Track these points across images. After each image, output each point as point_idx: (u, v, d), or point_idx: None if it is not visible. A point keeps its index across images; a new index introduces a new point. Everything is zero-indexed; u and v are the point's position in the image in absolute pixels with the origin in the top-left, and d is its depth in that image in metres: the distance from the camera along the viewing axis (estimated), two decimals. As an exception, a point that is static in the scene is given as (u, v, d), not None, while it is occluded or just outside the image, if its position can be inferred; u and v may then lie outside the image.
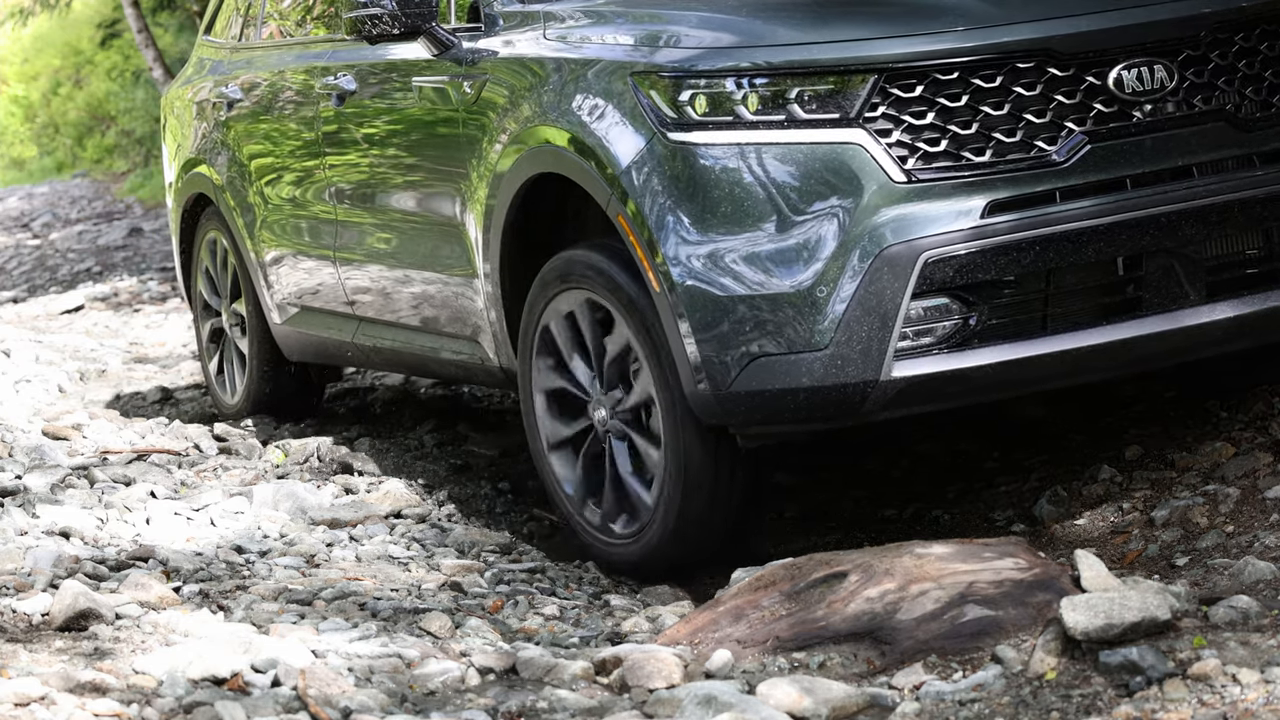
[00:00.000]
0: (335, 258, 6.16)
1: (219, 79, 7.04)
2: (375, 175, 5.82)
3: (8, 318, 11.68)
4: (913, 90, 4.30)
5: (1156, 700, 3.24)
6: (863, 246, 4.24)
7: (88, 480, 5.71)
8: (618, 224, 4.55)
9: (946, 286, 4.26)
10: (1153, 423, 5.13)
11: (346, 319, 6.25)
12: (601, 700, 3.64)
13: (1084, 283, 4.38)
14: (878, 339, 4.24)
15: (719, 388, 4.38)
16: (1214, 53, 4.49)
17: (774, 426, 4.48)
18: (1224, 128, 4.48)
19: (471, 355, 5.49)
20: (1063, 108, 4.35)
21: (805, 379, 4.30)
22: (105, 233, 16.57)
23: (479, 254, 5.19)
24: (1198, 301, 4.43)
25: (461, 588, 4.65)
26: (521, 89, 4.94)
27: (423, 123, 5.48)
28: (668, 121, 4.42)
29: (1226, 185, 4.45)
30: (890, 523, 5.25)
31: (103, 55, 24.33)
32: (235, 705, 3.43)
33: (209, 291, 7.35)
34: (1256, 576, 3.92)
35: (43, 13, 20.61)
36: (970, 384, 4.33)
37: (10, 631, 3.99)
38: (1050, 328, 4.35)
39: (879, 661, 3.67)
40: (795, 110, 4.32)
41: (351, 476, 5.97)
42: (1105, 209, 4.34)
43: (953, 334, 4.29)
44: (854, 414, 4.35)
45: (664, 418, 4.63)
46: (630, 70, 4.53)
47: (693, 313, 4.38)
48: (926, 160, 4.29)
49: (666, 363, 4.55)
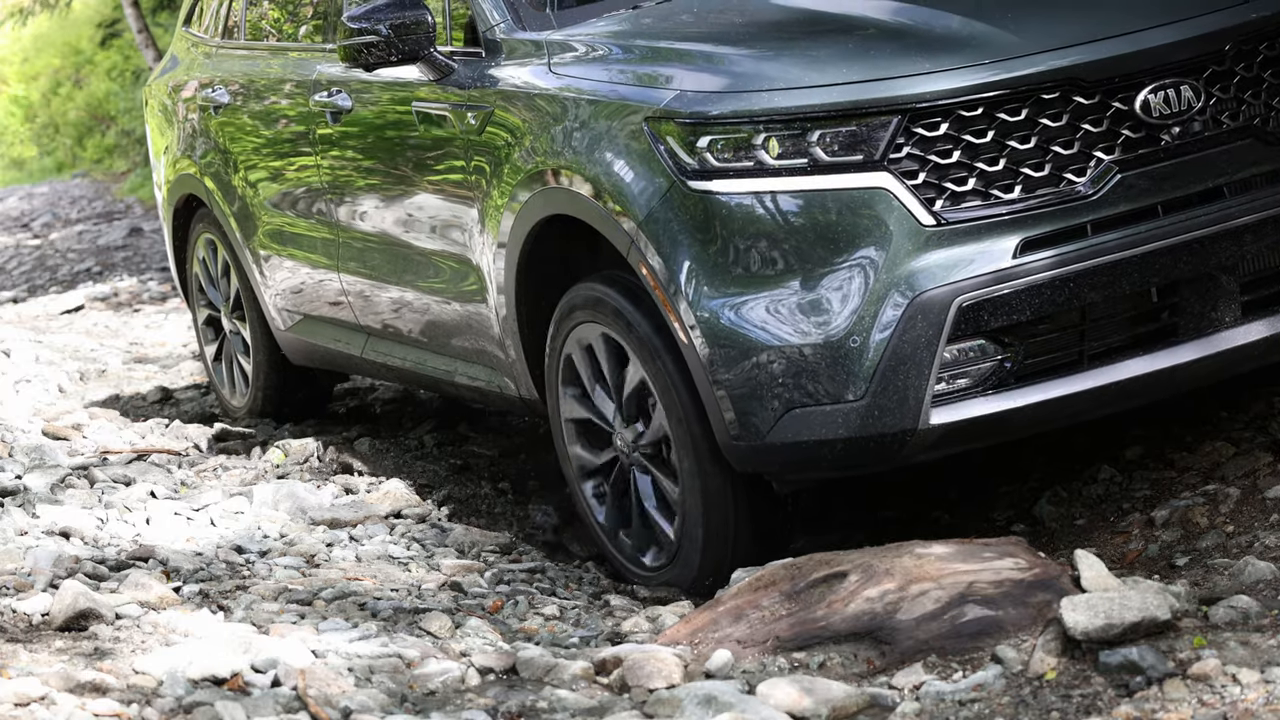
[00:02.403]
0: (339, 270, 6.12)
1: (204, 79, 6.96)
2: (376, 197, 5.75)
3: (8, 318, 11.68)
4: (937, 129, 4.19)
5: (1156, 700, 3.24)
6: (895, 294, 4.16)
7: (88, 480, 5.71)
8: (640, 273, 4.45)
9: (982, 329, 4.19)
10: (1153, 423, 5.12)
11: (354, 332, 6.20)
12: (601, 700, 3.64)
13: (1119, 314, 4.32)
14: (914, 388, 4.16)
15: (754, 439, 4.30)
16: (1239, 66, 4.42)
17: (811, 474, 4.43)
18: (1253, 144, 4.41)
19: (489, 383, 5.42)
20: (1090, 136, 4.26)
21: (842, 430, 4.22)
22: (105, 233, 16.57)
23: (492, 285, 5.11)
24: (1233, 323, 4.38)
25: (461, 588, 4.65)
26: (531, 124, 4.82)
27: (423, 147, 5.38)
28: (687, 169, 4.31)
29: (1258, 203, 4.38)
30: (890, 523, 5.25)
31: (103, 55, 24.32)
32: (235, 705, 3.43)
33: (206, 291, 7.33)
34: (1256, 576, 3.92)
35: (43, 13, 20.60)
36: (1010, 425, 4.27)
37: (10, 631, 3.99)
38: (1088, 363, 4.29)
39: (879, 661, 3.66)
40: (818, 154, 4.21)
41: (351, 476, 5.97)
42: (1138, 239, 4.26)
43: (989, 376, 4.23)
44: (893, 461, 4.29)
45: (681, 455, 4.56)
46: (645, 114, 4.41)
47: (723, 365, 4.29)
48: (954, 200, 4.20)
49: (681, 399, 4.48)
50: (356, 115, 5.76)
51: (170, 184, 7.29)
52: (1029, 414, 4.25)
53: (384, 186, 5.71)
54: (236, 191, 6.71)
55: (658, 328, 4.52)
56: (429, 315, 5.63)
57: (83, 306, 12.07)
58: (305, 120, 6.13)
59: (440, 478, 5.99)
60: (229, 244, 6.89)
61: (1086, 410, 4.37)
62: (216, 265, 7.16)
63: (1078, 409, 4.33)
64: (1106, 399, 4.32)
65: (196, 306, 7.44)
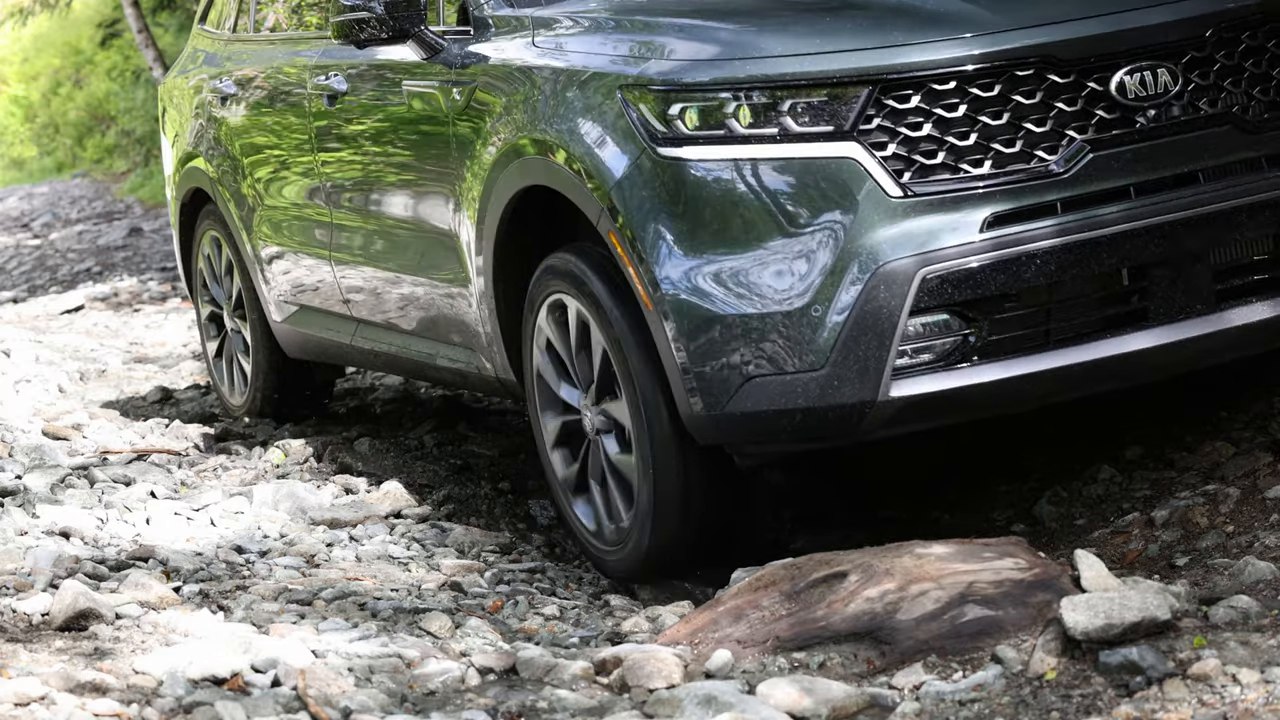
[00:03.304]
0: (331, 258, 6.14)
1: (213, 71, 7.01)
2: (368, 178, 5.80)
3: (8, 318, 11.68)
4: (908, 101, 4.20)
5: (1156, 700, 3.24)
6: (858, 264, 4.16)
7: (88, 480, 5.71)
8: (609, 240, 4.47)
9: (946, 303, 4.18)
10: (1153, 423, 5.12)
11: (345, 320, 6.23)
12: (601, 700, 3.64)
13: (1088, 295, 4.30)
14: (875, 358, 4.16)
15: (715, 409, 4.30)
16: (1220, 53, 4.40)
17: (770, 447, 4.42)
18: (1230, 131, 4.39)
19: (468, 363, 5.44)
20: (1063, 115, 4.26)
21: (802, 400, 4.22)
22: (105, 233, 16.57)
23: (471, 262, 5.15)
24: (1205, 311, 4.35)
25: (461, 588, 4.65)
26: (512, 98, 4.87)
27: (413, 128, 5.43)
28: (658, 136, 4.33)
29: (1234, 190, 4.36)
30: (890, 523, 5.25)
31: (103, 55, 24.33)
32: (235, 705, 3.43)
33: (210, 288, 7.34)
34: (1256, 576, 3.92)
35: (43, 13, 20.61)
36: (972, 402, 4.25)
37: (10, 631, 3.99)
38: (1054, 342, 4.27)
39: (879, 661, 3.66)
40: (788, 124, 4.23)
41: (351, 476, 5.97)
42: (1108, 219, 4.25)
43: (952, 351, 4.22)
44: (852, 434, 4.27)
45: (638, 429, 4.56)
46: (619, 83, 4.44)
47: (686, 333, 4.29)
48: (923, 173, 4.20)
49: (642, 370, 4.49)
50: (351, 98, 5.79)
51: (178, 179, 7.33)
52: (991, 391, 4.23)
53: (374, 168, 5.74)
54: (238, 183, 6.73)
55: (620, 298, 4.52)
56: (413, 297, 5.66)
57: (83, 306, 12.08)
58: (303, 106, 6.16)
59: (440, 478, 5.99)
60: (231, 238, 6.91)
61: (1051, 391, 4.34)
62: (220, 262, 7.17)
63: (1042, 389, 4.30)
64: (1072, 380, 4.29)
65: (200, 303, 7.45)
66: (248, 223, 6.71)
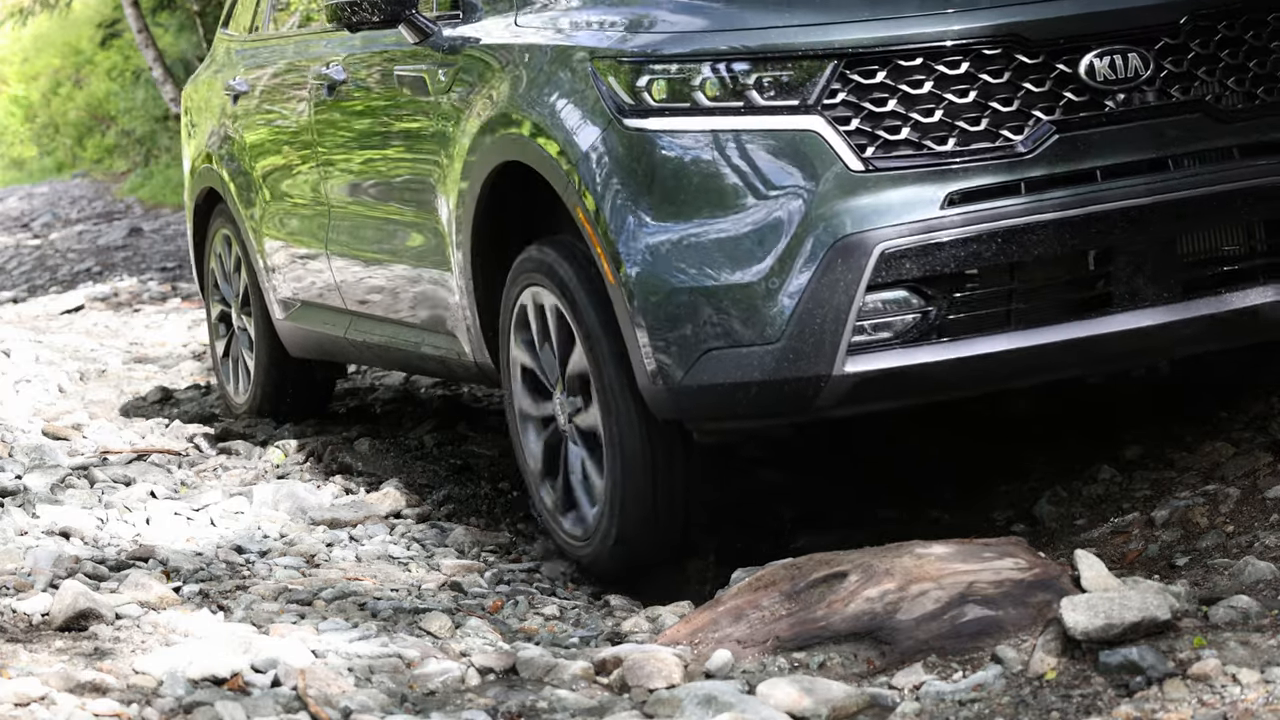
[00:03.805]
0: (328, 250, 6.16)
1: (229, 73, 7.06)
2: (359, 166, 5.81)
3: (8, 318, 11.68)
4: (874, 76, 4.18)
5: (1156, 700, 3.24)
6: (817, 237, 4.14)
7: (88, 480, 5.71)
8: (574, 214, 4.47)
9: (904, 279, 4.15)
10: (1153, 423, 5.12)
11: (340, 314, 6.24)
12: (601, 700, 3.64)
13: (1051, 278, 4.25)
14: (831, 332, 4.14)
15: (672, 381, 4.29)
16: (1194, 41, 4.35)
17: (728, 422, 4.39)
18: (1202, 119, 4.34)
19: (449, 350, 5.44)
20: (1031, 96, 4.23)
21: (757, 372, 4.20)
22: (105, 233, 16.58)
23: (452, 243, 5.14)
24: (1172, 299, 4.30)
25: (461, 588, 4.65)
26: (491, 76, 4.88)
27: (402, 113, 5.45)
28: (625, 108, 4.33)
29: (1204, 178, 4.31)
30: (890, 523, 5.25)
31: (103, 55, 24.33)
32: (235, 705, 3.43)
33: (220, 287, 7.36)
34: (1256, 576, 3.92)
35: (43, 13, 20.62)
36: (929, 380, 4.22)
37: (10, 631, 3.99)
38: (1015, 323, 4.23)
39: (879, 661, 3.66)
40: (754, 97, 4.21)
41: (351, 476, 5.97)
42: (1073, 201, 4.21)
43: (911, 328, 4.18)
44: (807, 409, 4.25)
45: (602, 409, 4.55)
46: (590, 55, 4.44)
47: (646, 304, 4.28)
48: (886, 149, 4.18)
49: (606, 348, 4.48)
50: (347, 87, 5.81)
51: (193, 179, 7.38)
52: (948, 370, 4.20)
53: (366, 156, 5.76)
54: (246, 179, 6.76)
55: (593, 289, 4.50)
56: (400, 285, 5.66)
57: (83, 306, 12.08)
58: (305, 99, 6.18)
59: (440, 478, 5.99)
60: (240, 235, 6.93)
61: (1010, 373, 4.30)
62: (230, 260, 7.19)
63: (1001, 370, 4.26)
64: (1032, 363, 4.25)
65: (211, 302, 7.47)
66: (253, 219, 6.73)
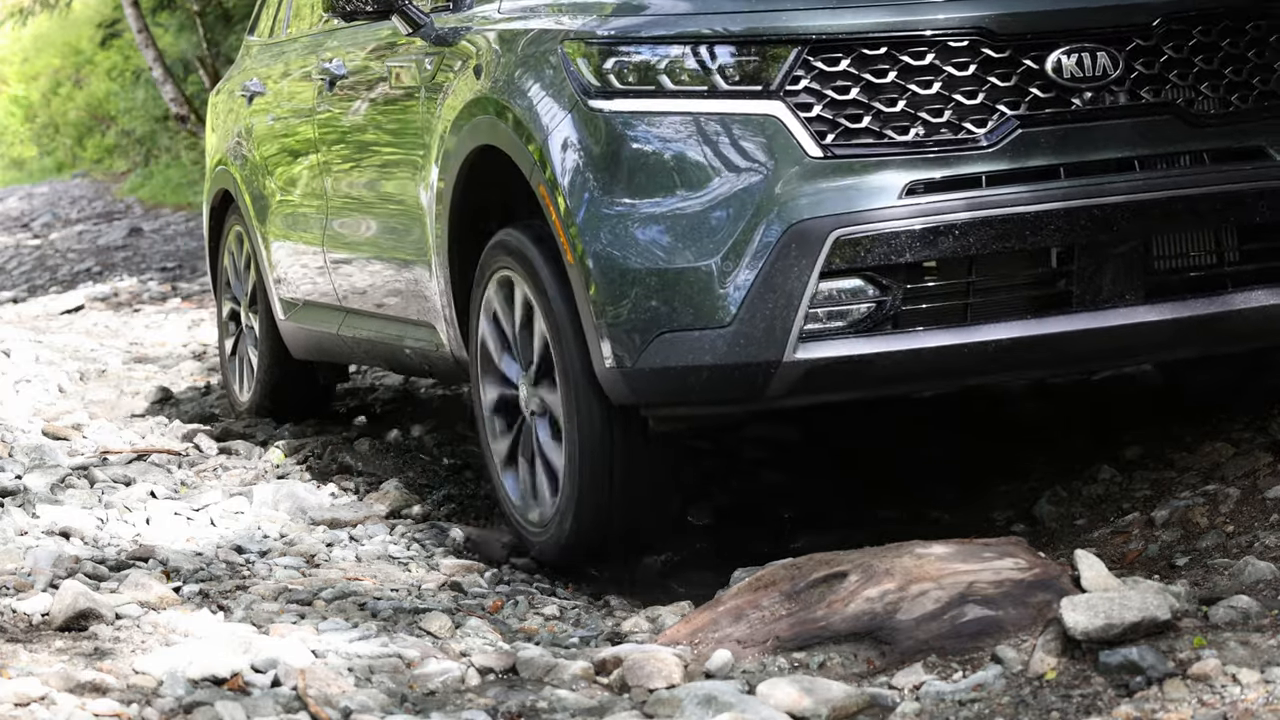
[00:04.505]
0: (324, 247, 6.18)
1: (247, 76, 7.11)
2: (353, 160, 5.84)
3: (8, 318, 11.68)
4: (837, 64, 4.17)
5: (1156, 700, 3.24)
6: (771, 222, 4.13)
7: (88, 480, 5.71)
8: (538, 194, 4.47)
9: (859, 267, 4.13)
10: (1153, 423, 5.12)
11: (334, 310, 6.26)
12: (601, 700, 3.64)
13: (1011, 273, 4.23)
14: (782, 318, 4.12)
15: (625, 364, 4.28)
16: (1167, 45, 4.32)
17: (681, 408, 4.37)
18: (1172, 122, 4.31)
19: (429, 343, 5.44)
20: (996, 90, 4.20)
21: (708, 356, 4.18)
22: (105, 233, 16.59)
23: (431, 232, 5.15)
24: (1135, 301, 4.27)
25: (461, 588, 4.65)
26: (469, 63, 4.90)
27: (391, 105, 5.47)
28: (590, 90, 4.33)
29: (1172, 181, 4.28)
30: (890, 523, 5.25)
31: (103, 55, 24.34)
32: (235, 705, 3.43)
33: (231, 286, 7.39)
34: (1256, 576, 3.92)
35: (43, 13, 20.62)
36: (882, 371, 4.18)
37: (10, 631, 3.99)
38: (971, 317, 4.20)
39: (879, 661, 3.67)
40: (717, 81, 4.21)
41: (351, 476, 5.97)
42: (1033, 196, 4.17)
43: (865, 318, 4.16)
44: (758, 396, 4.22)
45: (563, 395, 4.55)
46: (561, 38, 4.45)
47: (601, 285, 4.28)
48: (847, 136, 4.16)
49: (568, 344, 4.47)
50: (347, 80, 5.82)
51: (210, 181, 7.44)
52: (902, 361, 4.16)
53: (360, 150, 5.80)
54: (256, 179, 6.80)
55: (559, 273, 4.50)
56: (386, 278, 5.67)
57: (83, 306, 12.08)
58: (310, 96, 6.20)
59: (440, 478, 5.99)
60: (249, 235, 6.96)
61: (965, 369, 4.26)
62: (241, 260, 7.22)
63: (955, 365, 4.22)
64: (987, 358, 4.21)
65: (222, 300, 7.49)
66: (261, 219, 6.76)
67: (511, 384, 4.94)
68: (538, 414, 4.80)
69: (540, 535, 4.81)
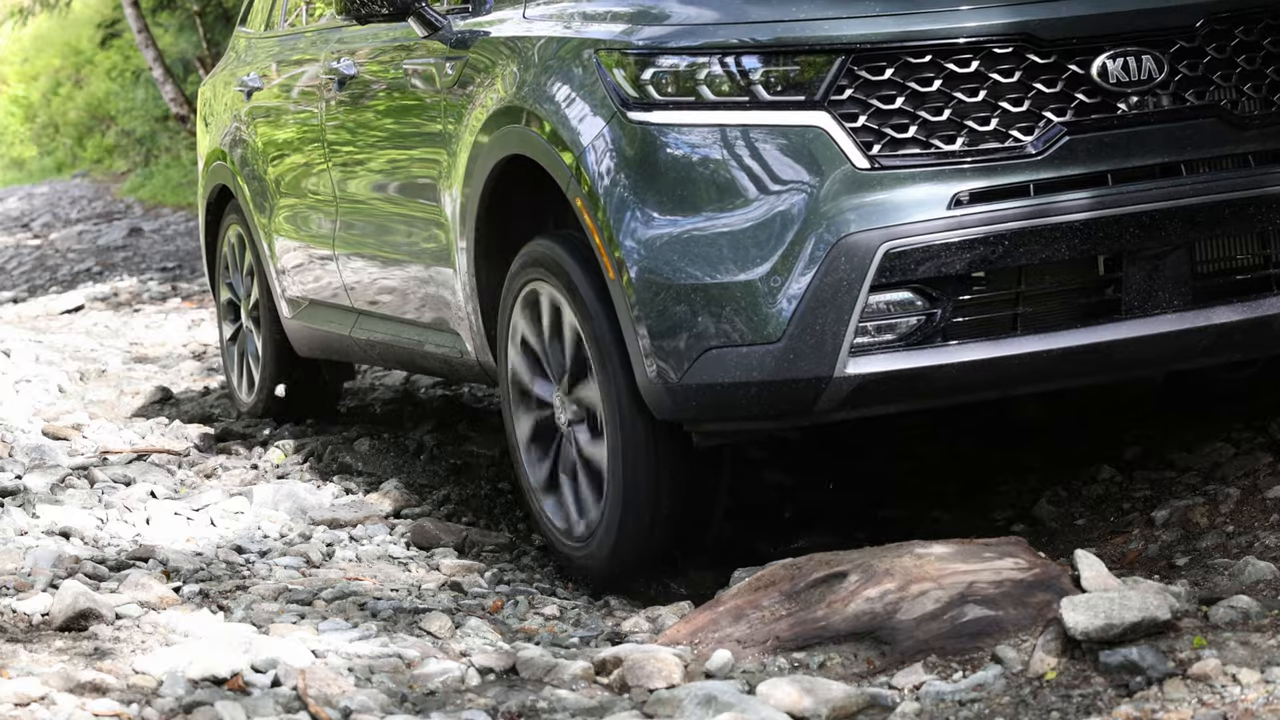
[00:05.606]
0: (335, 247, 6.15)
1: (243, 68, 7.06)
2: (367, 163, 5.79)
3: (8, 318, 11.68)
4: (882, 73, 4.12)
5: (1156, 700, 3.24)
6: (820, 235, 4.07)
7: (88, 480, 5.71)
8: (575, 207, 4.41)
9: (909, 280, 4.08)
10: (1153, 423, 5.12)
11: (346, 312, 6.23)
12: (601, 700, 3.64)
13: (1060, 282, 4.19)
14: (833, 333, 4.07)
15: (670, 380, 4.23)
16: (1210, 46, 4.29)
17: (727, 423, 4.32)
18: (1217, 124, 4.27)
19: (452, 348, 5.40)
20: (1042, 97, 4.16)
21: (757, 373, 4.14)
22: (105, 233, 16.58)
23: (455, 241, 5.11)
24: (1183, 307, 4.23)
25: (461, 588, 4.65)
26: (497, 70, 4.84)
27: (408, 108, 5.42)
28: (629, 101, 4.27)
29: (1217, 185, 4.24)
30: (890, 523, 5.25)
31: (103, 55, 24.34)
32: (235, 705, 3.43)
33: (230, 291, 7.37)
34: (1256, 576, 3.92)
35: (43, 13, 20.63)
36: (932, 384, 4.15)
37: (10, 631, 3.99)
38: (1021, 328, 4.16)
39: (879, 661, 3.67)
40: (759, 91, 4.16)
41: (351, 476, 5.97)
42: (1082, 204, 4.14)
43: (915, 331, 4.12)
44: (808, 412, 4.19)
45: (605, 410, 4.49)
46: (596, 48, 4.39)
47: (646, 301, 4.23)
48: (893, 146, 4.11)
49: (608, 348, 4.42)
50: (358, 80, 5.79)
51: (205, 177, 7.37)
52: (952, 374, 4.12)
53: (373, 151, 5.74)
54: (257, 176, 6.76)
55: (594, 278, 4.46)
56: (404, 281, 5.63)
57: (83, 306, 12.08)
58: (315, 94, 6.17)
59: (440, 478, 5.99)
60: (250, 232, 6.92)
61: (1015, 380, 4.23)
62: (240, 257, 7.19)
63: (1006, 376, 4.19)
64: (1038, 369, 4.18)
65: (220, 286, 7.45)
66: (264, 217, 6.73)
67: (546, 405, 4.88)
68: (575, 421, 4.74)
69: (580, 549, 4.74)
